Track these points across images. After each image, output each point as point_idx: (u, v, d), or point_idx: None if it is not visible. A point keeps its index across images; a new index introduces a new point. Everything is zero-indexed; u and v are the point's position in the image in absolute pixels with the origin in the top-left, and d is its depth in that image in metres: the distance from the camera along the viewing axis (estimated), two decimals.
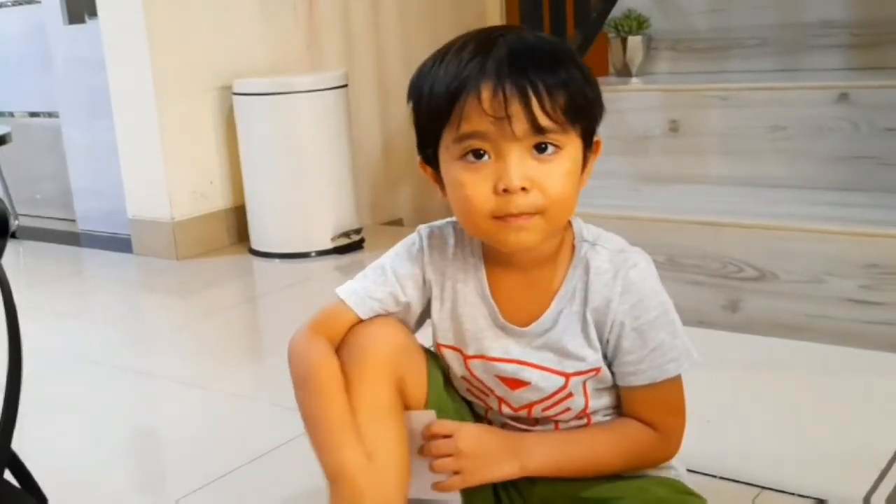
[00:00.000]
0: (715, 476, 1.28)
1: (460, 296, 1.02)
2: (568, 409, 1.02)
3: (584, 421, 1.03)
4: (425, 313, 1.06)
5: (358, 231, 2.81)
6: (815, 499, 1.23)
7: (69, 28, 3.14)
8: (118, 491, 1.44)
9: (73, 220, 3.34)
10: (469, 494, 1.04)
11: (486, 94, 0.88)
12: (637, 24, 2.66)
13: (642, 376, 0.97)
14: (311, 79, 2.73)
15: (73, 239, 3.22)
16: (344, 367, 0.99)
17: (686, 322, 1.00)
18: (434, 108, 0.92)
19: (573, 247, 0.99)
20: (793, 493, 1.24)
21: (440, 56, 0.94)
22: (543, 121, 0.88)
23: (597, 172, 0.98)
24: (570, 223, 0.99)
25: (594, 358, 0.98)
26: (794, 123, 2.30)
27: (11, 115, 3.61)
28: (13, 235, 3.17)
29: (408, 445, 0.99)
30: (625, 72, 2.71)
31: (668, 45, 2.75)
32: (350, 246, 2.76)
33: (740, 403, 1.55)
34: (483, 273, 1.01)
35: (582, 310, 0.97)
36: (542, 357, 0.99)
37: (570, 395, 1.00)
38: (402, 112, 3.73)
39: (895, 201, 2.06)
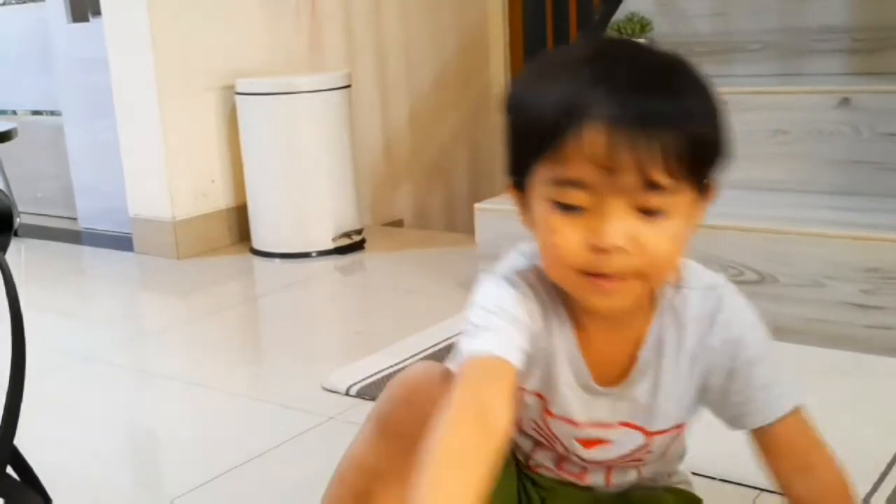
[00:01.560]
0: (715, 478, 1.28)
1: (555, 353, 0.89)
2: (639, 460, 0.96)
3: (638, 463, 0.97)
4: None
5: (359, 231, 2.81)
6: None
7: (72, 26, 3.14)
8: (115, 489, 1.45)
9: (75, 219, 3.35)
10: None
11: (595, 137, 0.75)
12: (640, 27, 2.66)
13: (754, 418, 0.89)
14: (313, 79, 2.73)
15: (74, 237, 3.22)
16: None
17: None
18: (532, 137, 0.79)
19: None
20: None
21: (547, 70, 0.81)
22: (658, 177, 0.75)
23: None
24: None
25: (681, 414, 0.92)
26: (795, 127, 2.30)
27: (14, 113, 3.61)
28: (15, 233, 3.17)
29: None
30: None
31: (669, 48, 2.75)
32: (351, 246, 2.77)
33: None
34: (571, 329, 0.89)
35: (674, 359, 0.89)
36: (630, 416, 0.91)
37: (648, 451, 0.94)
38: (403, 113, 3.75)
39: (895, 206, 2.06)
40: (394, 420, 0.92)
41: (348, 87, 2.78)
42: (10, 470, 1.01)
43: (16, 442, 0.96)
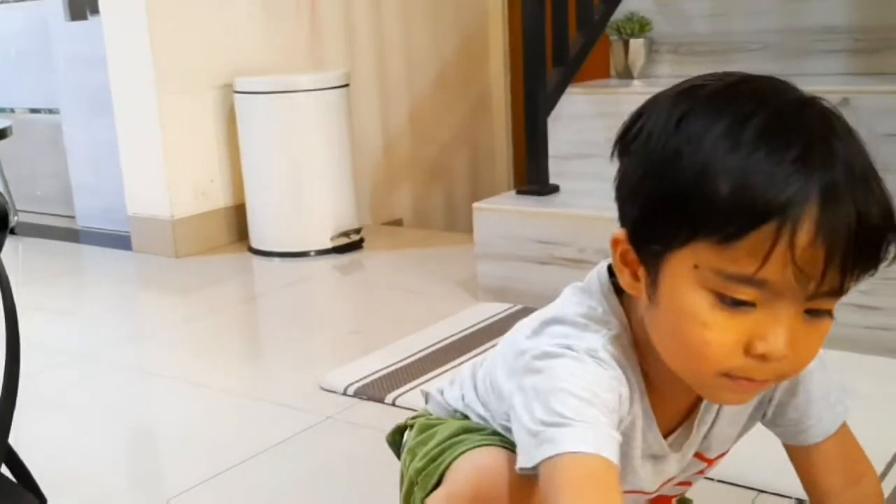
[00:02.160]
0: (713, 479, 1.27)
1: (633, 430, 0.82)
2: (689, 484, 0.95)
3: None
4: None
5: (357, 231, 2.81)
6: None
7: (71, 24, 3.14)
8: (112, 488, 1.44)
9: (73, 217, 3.34)
10: None
11: (803, 238, 0.64)
12: (639, 26, 2.66)
13: (814, 431, 0.86)
14: (312, 78, 2.73)
15: (72, 236, 3.22)
16: None
17: None
18: (704, 214, 0.66)
19: None
20: (790, 497, 1.24)
21: (724, 119, 0.68)
22: (849, 285, 0.67)
23: (598, 175, 0.97)
24: None
25: (736, 435, 0.89)
26: None
27: (12, 111, 3.61)
28: (12, 231, 3.17)
29: None
30: (626, 74, 2.71)
31: (669, 48, 2.74)
32: (349, 246, 2.76)
33: None
34: (648, 398, 0.81)
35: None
36: (695, 459, 0.89)
37: (703, 474, 0.94)
38: (403, 112, 3.73)
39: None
40: None
41: (347, 86, 2.78)
42: (4, 469, 1.00)
43: (11, 441, 0.95)
